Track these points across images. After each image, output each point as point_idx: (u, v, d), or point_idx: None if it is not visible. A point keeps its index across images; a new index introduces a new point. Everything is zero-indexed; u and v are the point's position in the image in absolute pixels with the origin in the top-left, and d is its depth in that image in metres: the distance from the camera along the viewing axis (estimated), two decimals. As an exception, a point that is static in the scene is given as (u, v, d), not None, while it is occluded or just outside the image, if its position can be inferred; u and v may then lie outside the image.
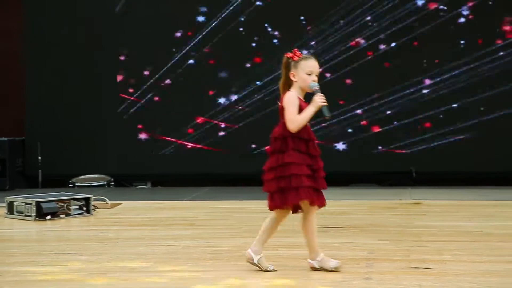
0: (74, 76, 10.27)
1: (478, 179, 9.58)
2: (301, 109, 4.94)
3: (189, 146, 10.16)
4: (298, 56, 5.00)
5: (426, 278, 4.87)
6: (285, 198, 4.96)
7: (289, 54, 5.02)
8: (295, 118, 4.91)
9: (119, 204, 8.26)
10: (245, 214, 7.68)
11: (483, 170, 9.61)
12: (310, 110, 4.93)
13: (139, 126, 10.26)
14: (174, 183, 10.18)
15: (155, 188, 10.31)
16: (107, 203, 8.08)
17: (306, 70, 4.97)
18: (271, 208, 5.05)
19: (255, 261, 5.11)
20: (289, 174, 4.91)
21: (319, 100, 4.94)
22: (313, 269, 5.08)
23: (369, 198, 8.34)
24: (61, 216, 7.42)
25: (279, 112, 5.00)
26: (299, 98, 4.99)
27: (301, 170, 4.91)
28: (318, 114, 4.95)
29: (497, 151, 9.59)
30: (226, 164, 10.07)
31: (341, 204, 8.15)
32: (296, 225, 6.92)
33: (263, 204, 8.25)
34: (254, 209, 8.00)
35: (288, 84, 5.01)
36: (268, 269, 5.09)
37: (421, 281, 4.81)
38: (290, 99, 4.94)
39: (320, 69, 5.09)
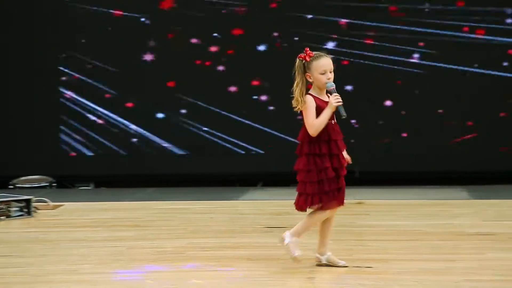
0: (14, 75, 10.11)
1: (419, 179, 9.70)
2: (321, 109, 4.99)
3: (133, 147, 10.09)
4: (310, 56, 5.02)
5: (367, 277, 4.93)
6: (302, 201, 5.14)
7: (301, 56, 5.04)
8: (313, 123, 4.97)
9: (61, 205, 8.17)
10: (189, 214, 7.66)
11: (424, 170, 9.74)
12: (327, 112, 4.98)
13: (81, 126, 10.14)
14: (117, 184, 10.10)
15: (98, 189, 10.21)
16: (48, 205, 7.99)
17: (319, 70, 4.99)
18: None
19: (324, 261, 5.16)
20: (298, 180, 5.10)
21: (334, 100, 4.98)
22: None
23: (313, 198, 8.39)
24: (1, 218, 7.30)
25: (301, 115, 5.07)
26: (318, 98, 5.02)
27: (307, 177, 5.03)
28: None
29: (437, 150, 9.72)
30: (170, 165, 10.03)
31: (284, 204, 8.17)
32: (243, 224, 6.97)
33: (208, 204, 8.31)
34: (199, 209, 7.99)
35: (307, 86, 5.04)
36: (339, 264, 5.14)
37: (363, 280, 4.87)
38: (307, 104, 4.99)
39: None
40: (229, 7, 9.83)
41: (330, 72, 5.01)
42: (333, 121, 5.06)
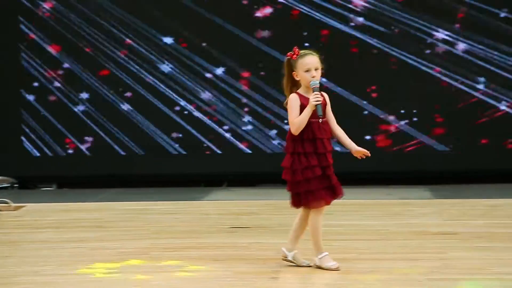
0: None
1: (383, 178, 9.74)
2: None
3: (96, 147, 10.01)
4: (296, 55, 5.06)
5: (331, 277, 4.95)
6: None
7: (289, 54, 5.08)
8: (293, 121, 5.01)
9: (23, 206, 8.08)
10: (153, 215, 7.63)
11: (388, 170, 9.78)
12: (306, 111, 5.00)
13: (44, 126, 10.04)
14: (80, 184, 10.03)
15: (60, 190, 10.12)
16: (10, 206, 7.90)
17: (304, 68, 5.02)
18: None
19: (290, 258, 5.19)
20: (285, 179, 5.10)
21: (313, 99, 4.99)
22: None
23: (277, 198, 8.40)
24: (-38, 219, 7.22)
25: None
26: (304, 97, 5.04)
27: (294, 177, 5.04)
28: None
29: (401, 151, 9.77)
30: (134, 165, 9.97)
31: (249, 204, 8.20)
32: (207, 225, 6.96)
33: (172, 205, 8.28)
34: (163, 210, 7.96)
35: (295, 84, 5.08)
36: (303, 264, 5.16)
37: (327, 280, 4.88)
38: (290, 103, 5.04)
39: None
40: None
41: (316, 70, 5.03)
42: (320, 119, 5.05)
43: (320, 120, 5.05)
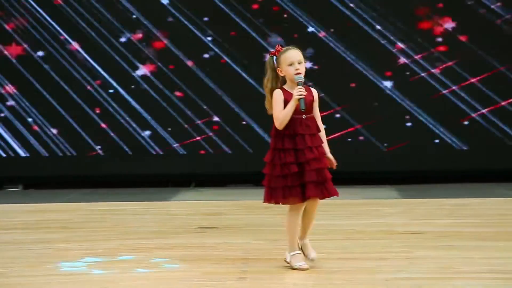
0: None
1: (350, 178, 9.79)
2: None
3: (64, 147, 9.96)
4: (279, 51, 5.11)
5: (300, 277, 4.97)
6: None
7: (272, 52, 5.13)
8: (277, 116, 5.04)
9: (-12, 207, 8.02)
10: (121, 216, 7.60)
11: (355, 170, 9.83)
12: (290, 105, 5.02)
13: (10, 127, 9.97)
14: (47, 185, 9.96)
15: (27, 191, 10.04)
16: (-25, 207, 7.82)
17: (287, 62, 5.06)
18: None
19: (299, 244, 5.19)
20: (264, 173, 5.10)
21: (296, 93, 5.01)
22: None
23: (246, 198, 8.42)
24: None
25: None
26: (288, 92, 5.05)
27: (272, 171, 5.05)
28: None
29: (364, 151, 9.84)
30: (102, 166, 9.92)
31: (217, 205, 8.20)
32: (175, 225, 6.95)
33: (139, 205, 8.26)
34: (131, 210, 7.93)
35: (276, 84, 5.10)
36: (309, 256, 5.14)
37: (294, 280, 4.90)
38: (275, 98, 5.07)
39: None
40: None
41: (299, 63, 5.06)
42: (304, 116, 5.06)
43: (304, 116, 5.07)
